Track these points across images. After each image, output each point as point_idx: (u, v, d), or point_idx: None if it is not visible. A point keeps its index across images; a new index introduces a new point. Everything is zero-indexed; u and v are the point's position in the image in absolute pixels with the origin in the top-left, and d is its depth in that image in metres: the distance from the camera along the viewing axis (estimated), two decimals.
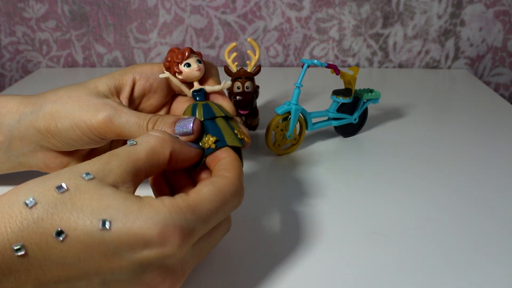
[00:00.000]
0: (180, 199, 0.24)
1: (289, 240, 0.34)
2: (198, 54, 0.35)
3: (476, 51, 0.78)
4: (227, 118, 0.33)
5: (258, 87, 0.50)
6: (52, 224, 0.21)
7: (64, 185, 0.23)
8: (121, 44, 0.79)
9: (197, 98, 0.34)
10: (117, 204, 0.23)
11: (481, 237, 0.34)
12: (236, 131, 0.32)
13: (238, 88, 0.47)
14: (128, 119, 0.33)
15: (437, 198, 0.39)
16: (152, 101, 0.38)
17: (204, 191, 0.25)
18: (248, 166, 0.44)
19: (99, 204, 0.22)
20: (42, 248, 0.21)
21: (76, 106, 0.33)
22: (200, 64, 0.34)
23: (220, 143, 0.31)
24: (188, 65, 0.34)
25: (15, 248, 0.21)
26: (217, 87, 0.35)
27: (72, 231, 0.21)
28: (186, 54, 0.33)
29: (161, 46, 0.79)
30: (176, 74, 0.35)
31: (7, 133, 0.35)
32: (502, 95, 0.82)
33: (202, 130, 0.32)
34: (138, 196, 0.24)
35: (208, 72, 0.36)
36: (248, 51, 0.51)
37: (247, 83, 0.47)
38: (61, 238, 0.21)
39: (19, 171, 0.38)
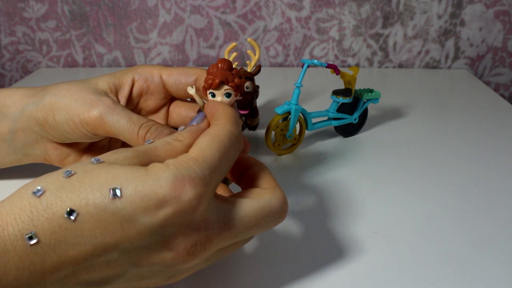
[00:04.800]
0: (182, 157, 0.24)
1: (288, 240, 0.34)
2: (236, 85, 0.30)
3: (476, 51, 0.78)
4: None
5: (258, 87, 0.50)
6: (62, 206, 0.21)
7: (71, 170, 0.22)
8: (121, 44, 0.79)
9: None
10: (124, 172, 0.22)
11: (481, 237, 0.34)
12: None
13: None
14: (119, 119, 0.33)
15: (437, 198, 0.39)
16: (149, 102, 0.38)
17: (201, 142, 0.25)
18: None
19: (107, 176, 0.22)
20: (55, 232, 0.20)
21: (72, 99, 0.34)
22: (227, 99, 0.30)
23: None
24: (213, 95, 0.30)
25: (27, 236, 0.20)
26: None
27: (83, 208, 0.21)
28: (212, 85, 0.29)
29: (161, 46, 0.79)
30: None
31: (12, 124, 0.36)
32: (502, 95, 0.82)
33: None
34: (143, 166, 0.24)
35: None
36: (248, 51, 0.51)
37: (247, 83, 0.47)
38: (72, 218, 0.20)
39: (25, 163, 0.39)
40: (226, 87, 0.29)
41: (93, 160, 0.23)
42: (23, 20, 0.77)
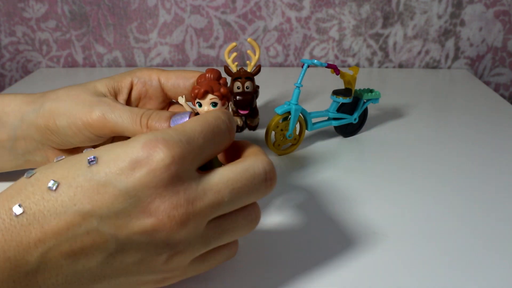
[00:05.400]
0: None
1: (288, 240, 0.34)
2: (222, 94, 0.30)
3: (476, 51, 0.78)
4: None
5: (258, 87, 0.50)
6: (46, 180, 0.22)
7: (63, 156, 0.24)
8: (121, 44, 0.79)
9: None
10: (105, 147, 0.24)
11: (482, 237, 0.34)
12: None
13: (238, 88, 0.47)
14: (121, 114, 0.33)
15: (437, 198, 0.39)
16: (148, 106, 0.38)
17: (186, 122, 0.26)
18: None
19: (89, 153, 0.23)
20: (38, 204, 0.22)
21: (73, 103, 0.34)
22: (213, 108, 0.30)
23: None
24: (200, 105, 0.30)
25: (13, 207, 0.21)
26: None
27: (64, 179, 0.22)
28: (198, 95, 0.30)
29: (161, 46, 0.79)
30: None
31: (11, 133, 0.36)
32: (502, 95, 0.82)
33: None
34: None
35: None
36: (248, 51, 0.51)
37: (247, 83, 0.47)
38: (54, 188, 0.22)
39: (26, 168, 0.39)
40: (211, 96, 0.30)
41: (85, 150, 0.25)
42: (23, 20, 0.77)
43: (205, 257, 0.26)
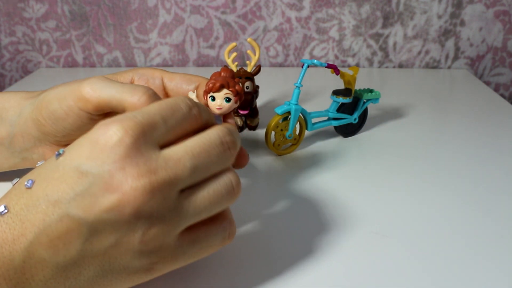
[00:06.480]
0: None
1: (288, 240, 0.34)
2: (237, 90, 0.30)
3: (476, 51, 0.78)
4: None
5: (258, 87, 0.50)
6: (24, 180, 0.24)
7: (43, 161, 0.26)
8: (121, 44, 0.79)
9: None
10: (77, 140, 0.25)
11: (482, 237, 0.34)
12: None
13: None
14: (111, 86, 0.31)
15: (437, 198, 0.39)
16: None
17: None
18: (248, 166, 0.44)
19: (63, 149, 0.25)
20: (19, 202, 0.23)
21: (62, 87, 0.34)
22: (226, 103, 0.30)
23: None
24: (213, 98, 0.30)
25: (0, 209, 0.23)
26: None
27: (38, 176, 0.24)
28: (213, 88, 0.30)
29: (161, 46, 0.79)
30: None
31: (10, 129, 0.36)
32: (502, 95, 0.82)
33: None
34: None
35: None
36: (248, 51, 0.51)
37: (247, 83, 0.47)
38: (29, 185, 0.24)
39: (23, 167, 0.39)
40: (226, 91, 0.30)
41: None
42: (23, 20, 0.77)
43: (195, 238, 0.26)
